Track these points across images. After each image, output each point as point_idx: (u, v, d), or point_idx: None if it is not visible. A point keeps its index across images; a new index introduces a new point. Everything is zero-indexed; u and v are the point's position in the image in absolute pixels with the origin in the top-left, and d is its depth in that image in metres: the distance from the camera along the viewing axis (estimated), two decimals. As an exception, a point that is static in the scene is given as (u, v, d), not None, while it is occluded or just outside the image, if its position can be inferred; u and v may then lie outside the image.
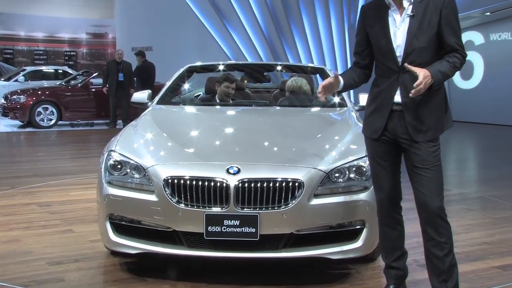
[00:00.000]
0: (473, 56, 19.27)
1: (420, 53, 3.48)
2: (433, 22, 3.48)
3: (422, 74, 3.35)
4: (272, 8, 20.03)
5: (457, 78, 20.10)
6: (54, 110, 16.32)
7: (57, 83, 18.04)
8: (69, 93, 16.70)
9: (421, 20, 3.48)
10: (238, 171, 3.97)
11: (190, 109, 6.02)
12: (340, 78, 3.76)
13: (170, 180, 3.99)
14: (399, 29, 3.54)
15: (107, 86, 16.08)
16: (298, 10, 19.76)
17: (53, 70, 22.27)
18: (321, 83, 3.72)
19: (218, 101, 6.15)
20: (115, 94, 15.91)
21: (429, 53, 3.50)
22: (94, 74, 17.44)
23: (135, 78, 16.21)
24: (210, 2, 20.90)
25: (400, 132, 3.58)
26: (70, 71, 22.15)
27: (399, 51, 3.52)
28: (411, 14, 3.50)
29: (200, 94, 6.86)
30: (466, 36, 19.21)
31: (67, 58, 32.66)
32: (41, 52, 31.91)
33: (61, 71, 22.07)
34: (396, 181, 3.74)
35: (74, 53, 33.01)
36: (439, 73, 3.41)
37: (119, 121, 16.36)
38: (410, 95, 3.37)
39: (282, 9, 19.76)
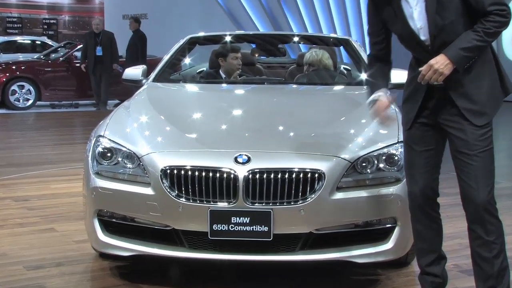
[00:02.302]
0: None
1: (450, 30, 3.46)
2: None
3: (427, 65, 3.42)
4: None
5: (508, 47, 19.87)
6: (31, 88, 16.38)
7: (35, 57, 18.10)
8: (49, 69, 16.75)
9: None
10: (248, 160, 4.00)
11: (191, 87, 6.04)
12: (387, 93, 3.82)
13: (168, 171, 4.03)
14: (415, 10, 3.53)
15: (87, 61, 15.98)
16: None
17: (29, 41, 22.38)
18: (380, 114, 3.77)
19: (224, 77, 6.17)
20: (93, 72, 15.80)
21: (462, 26, 3.47)
22: (79, 47, 17.44)
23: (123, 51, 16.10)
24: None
25: (442, 114, 3.61)
26: (49, 42, 22.23)
27: (424, 34, 3.53)
28: None
29: (203, 70, 6.88)
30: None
31: (46, 27, 32.73)
32: (15, 19, 32.00)
33: (39, 42, 22.18)
34: (432, 173, 3.75)
35: (54, 21, 33.09)
36: (461, 51, 3.40)
37: (109, 101, 16.38)
38: (423, 82, 3.46)
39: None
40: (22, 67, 16.63)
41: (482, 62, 3.54)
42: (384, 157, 4.19)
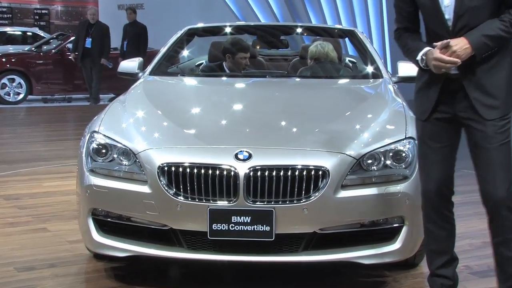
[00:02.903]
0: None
1: (474, 14, 3.49)
2: None
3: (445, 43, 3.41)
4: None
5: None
6: (22, 82, 16.37)
7: (26, 49, 18.08)
8: (41, 61, 16.74)
9: None
10: (249, 156, 4.01)
11: (190, 81, 6.05)
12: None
13: (166, 168, 4.04)
14: None
15: (77, 53, 15.87)
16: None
17: (20, 33, 22.33)
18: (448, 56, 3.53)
19: (228, 71, 6.16)
20: (83, 64, 15.68)
21: (487, 14, 3.50)
22: (72, 38, 17.40)
23: (125, 43, 15.97)
24: None
25: (459, 106, 3.62)
26: (41, 33, 22.19)
27: (448, 13, 3.54)
28: None
29: (202, 63, 6.89)
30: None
31: (37, 17, 32.67)
32: (4, 9, 31.91)
33: (30, 33, 22.13)
34: (448, 170, 3.77)
35: (46, 11, 33.01)
36: (483, 38, 3.43)
37: (103, 96, 16.34)
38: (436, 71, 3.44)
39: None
40: (13, 60, 16.61)
41: (502, 56, 3.56)
42: (391, 154, 4.20)
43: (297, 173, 3.96)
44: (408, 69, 5.71)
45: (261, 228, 3.95)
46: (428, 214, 3.86)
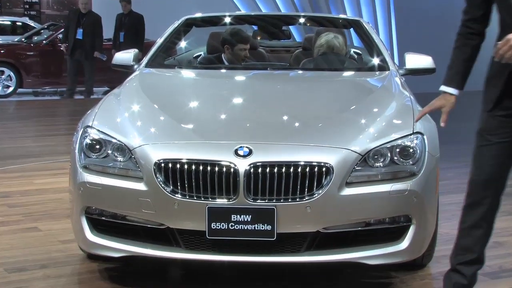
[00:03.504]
0: None
1: None
2: None
3: (505, 39, 3.34)
4: None
5: None
6: (12, 74, 16.39)
7: (16, 40, 18.10)
8: (31, 53, 16.75)
9: None
10: (250, 152, 4.02)
11: (188, 73, 6.06)
12: (455, 92, 3.77)
13: (163, 164, 4.04)
14: None
15: (67, 43, 15.79)
16: None
17: (9, 22, 22.34)
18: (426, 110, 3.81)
19: (227, 63, 6.16)
20: (72, 56, 15.59)
21: None
22: (63, 29, 17.45)
23: (121, 34, 15.89)
24: None
25: None
26: (32, 23, 22.19)
27: None
28: None
29: (200, 55, 6.89)
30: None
31: (27, 6, 32.67)
32: (-8, -2, 31.93)
33: (20, 23, 22.14)
34: (501, 167, 3.71)
35: (36, 0, 33.00)
36: None
37: (96, 89, 16.32)
38: (496, 59, 3.39)
39: None
40: (2, 51, 16.62)
41: None
42: (398, 150, 4.19)
43: (299, 169, 3.96)
44: (415, 61, 5.71)
45: (262, 227, 3.95)
46: (469, 207, 3.80)
